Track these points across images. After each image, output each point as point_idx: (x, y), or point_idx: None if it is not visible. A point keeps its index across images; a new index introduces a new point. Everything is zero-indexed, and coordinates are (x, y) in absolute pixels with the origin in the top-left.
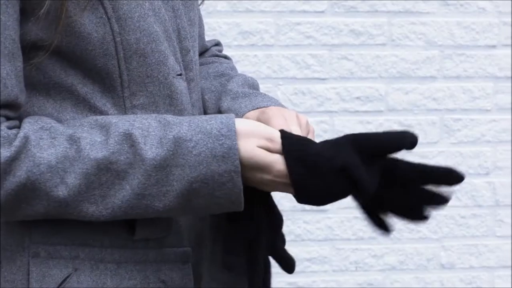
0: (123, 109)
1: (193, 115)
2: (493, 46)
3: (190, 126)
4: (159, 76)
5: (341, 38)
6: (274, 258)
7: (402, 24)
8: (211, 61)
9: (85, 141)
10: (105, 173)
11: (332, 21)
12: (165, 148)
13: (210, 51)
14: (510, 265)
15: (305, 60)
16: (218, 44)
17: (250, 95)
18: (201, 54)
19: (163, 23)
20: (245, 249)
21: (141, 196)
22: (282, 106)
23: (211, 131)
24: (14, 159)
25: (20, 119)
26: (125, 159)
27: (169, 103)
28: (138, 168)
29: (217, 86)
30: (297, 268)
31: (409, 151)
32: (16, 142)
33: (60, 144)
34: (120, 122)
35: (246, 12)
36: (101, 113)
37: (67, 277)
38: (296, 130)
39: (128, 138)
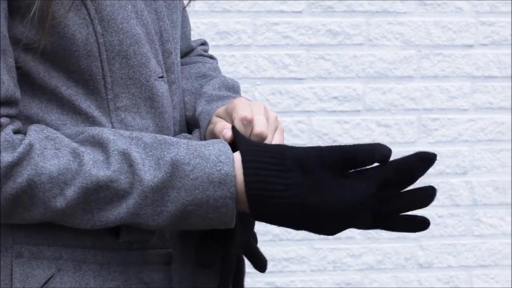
0: (107, 111)
1: (174, 117)
2: (470, 46)
3: (188, 149)
4: (141, 79)
5: (318, 38)
6: (247, 257)
7: (379, 24)
8: (194, 61)
9: (89, 157)
10: (104, 190)
11: (310, 21)
12: (162, 170)
13: (195, 51)
14: (488, 264)
15: (282, 60)
16: (204, 43)
17: (224, 98)
18: (187, 54)
19: (145, 26)
20: (219, 246)
21: (136, 215)
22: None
23: (209, 156)
24: (15, 165)
25: (19, 117)
26: (125, 178)
27: (150, 105)
28: (136, 188)
29: (197, 87)
30: (275, 268)
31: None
32: (20, 149)
33: (64, 156)
34: (118, 140)
35: (224, 12)
36: (86, 115)
37: (50, 277)
38: (260, 119)
39: (127, 158)
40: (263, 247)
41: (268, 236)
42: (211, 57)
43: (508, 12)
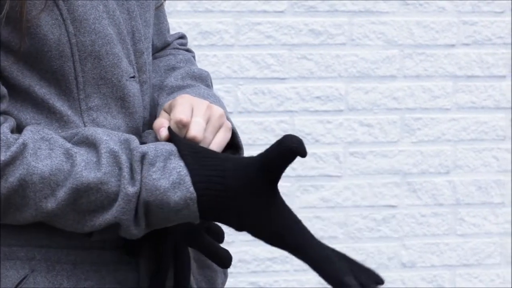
0: (79, 111)
1: (144, 117)
2: (453, 45)
3: (156, 151)
4: (112, 79)
5: (300, 37)
6: (202, 253)
7: (362, 23)
8: (168, 53)
9: (81, 158)
10: (95, 192)
11: (292, 21)
12: (137, 172)
13: (172, 45)
14: (472, 263)
15: (265, 60)
16: (182, 37)
17: (184, 88)
18: (163, 49)
19: (117, 26)
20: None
21: (119, 219)
22: (214, 99)
23: (170, 164)
24: (8, 164)
25: (7, 113)
26: (115, 181)
27: (121, 105)
28: (121, 192)
29: (163, 81)
30: (258, 268)
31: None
32: (14, 148)
33: (57, 156)
34: (111, 141)
35: (206, 12)
36: (60, 114)
37: (24, 278)
38: (197, 122)
39: (118, 161)
40: (246, 247)
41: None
42: (188, 50)
43: (490, 11)
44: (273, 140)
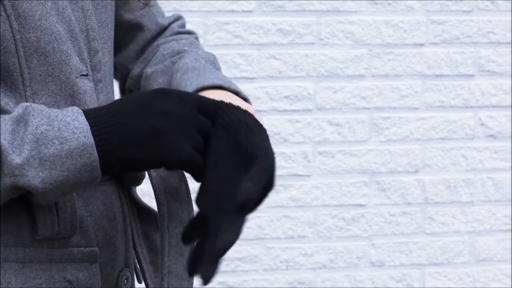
0: None
1: None
2: (421, 45)
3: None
4: (60, 76)
5: (269, 37)
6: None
7: (330, 23)
8: (170, 40)
9: None
10: None
11: (260, 20)
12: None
13: (170, 29)
14: (441, 262)
15: (233, 60)
16: (178, 18)
17: (199, 69)
18: (160, 33)
19: (67, 23)
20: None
21: None
22: (230, 85)
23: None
24: None
25: None
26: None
27: (71, 103)
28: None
29: (169, 65)
30: (227, 268)
31: None
32: None
33: None
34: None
35: (174, 12)
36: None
37: None
38: None
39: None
40: None
41: None
42: (189, 32)
43: (459, 10)
44: None
